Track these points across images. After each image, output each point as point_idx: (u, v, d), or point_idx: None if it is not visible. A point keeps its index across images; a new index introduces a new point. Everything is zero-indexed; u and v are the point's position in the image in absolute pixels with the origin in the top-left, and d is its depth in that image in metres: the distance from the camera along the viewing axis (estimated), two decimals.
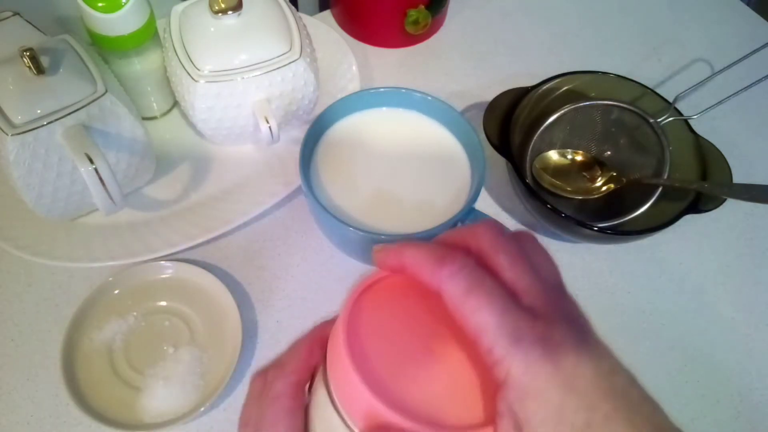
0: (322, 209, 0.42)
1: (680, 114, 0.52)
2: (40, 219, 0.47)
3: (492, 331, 0.21)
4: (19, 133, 0.40)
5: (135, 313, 0.46)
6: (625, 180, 0.53)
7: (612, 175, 0.54)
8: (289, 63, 0.48)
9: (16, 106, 0.41)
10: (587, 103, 0.53)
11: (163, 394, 0.43)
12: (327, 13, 0.68)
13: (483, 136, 0.50)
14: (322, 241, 0.51)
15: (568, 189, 0.54)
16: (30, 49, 0.40)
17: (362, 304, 0.24)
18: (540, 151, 0.55)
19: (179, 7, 0.50)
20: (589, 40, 0.69)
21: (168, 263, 0.48)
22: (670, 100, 0.52)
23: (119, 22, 0.46)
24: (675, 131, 0.52)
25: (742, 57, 0.54)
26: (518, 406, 0.20)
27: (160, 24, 0.52)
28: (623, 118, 0.54)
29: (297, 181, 0.52)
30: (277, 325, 0.48)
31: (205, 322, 0.46)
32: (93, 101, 0.42)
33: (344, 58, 0.60)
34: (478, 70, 0.65)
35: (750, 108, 0.64)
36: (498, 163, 0.52)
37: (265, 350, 0.47)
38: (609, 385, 0.21)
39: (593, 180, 0.55)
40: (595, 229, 0.47)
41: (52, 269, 0.49)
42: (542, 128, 0.54)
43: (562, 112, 0.53)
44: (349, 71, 0.59)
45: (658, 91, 0.53)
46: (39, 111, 0.41)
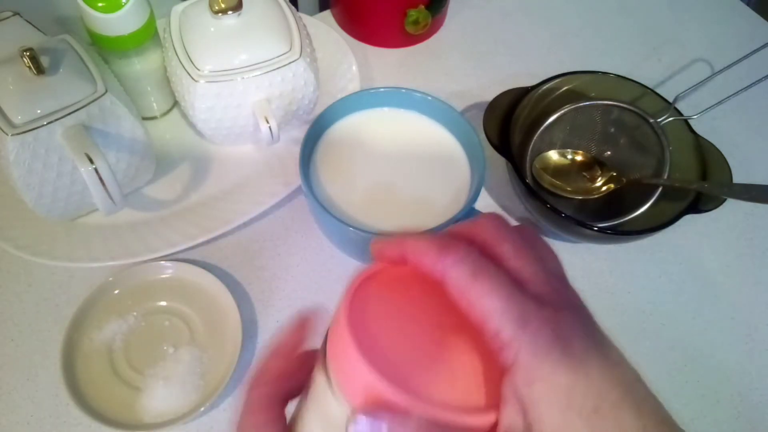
0: (322, 209, 0.42)
1: (680, 114, 0.52)
2: (40, 219, 0.47)
3: (499, 314, 0.20)
4: (19, 133, 0.40)
5: (135, 313, 0.46)
6: (625, 180, 0.53)
7: (612, 175, 0.54)
8: (289, 63, 0.48)
9: (16, 106, 0.41)
10: (587, 103, 0.53)
11: (163, 394, 0.43)
12: (327, 13, 0.68)
13: (483, 136, 0.50)
14: (322, 241, 0.52)
15: (568, 189, 0.54)
16: (30, 49, 0.40)
17: (362, 293, 0.24)
18: (540, 151, 0.55)
19: (179, 7, 0.50)
20: (589, 40, 0.69)
21: (168, 263, 0.48)
22: (670, 100, 0.52)
23: (119, 22, 0.47)
24: (675, 131, 0.52)
25: (742, 57, 0.54)
26: (525, 390, 0.20)
27: (160, 24, 0.52)
28: (623, 118, 0.54)
29: (297, 181, 0.52)
30: (277, 325, 0.48)
31: (205, 322, 0.46)
32: (93, 101, 0.42)
33: (344, 58, 0.60)
34: (478, 70, 0.65)
35: (750, 108, 0.64)
36: (498, 163, 0.52)
37: (265, 350, 0.47)
38: (617, 375, 0.21)
39: (593, 180, 0.55)
40: (595, 229, 0.47)
41: (52, 269, 0.49)
42: (542, 128, 0.54)
43: (562, 112, 0.53)
44: (349, 71, 0.59)
45: (658, 91, 0.53)
46: (39, 111, 0.41)
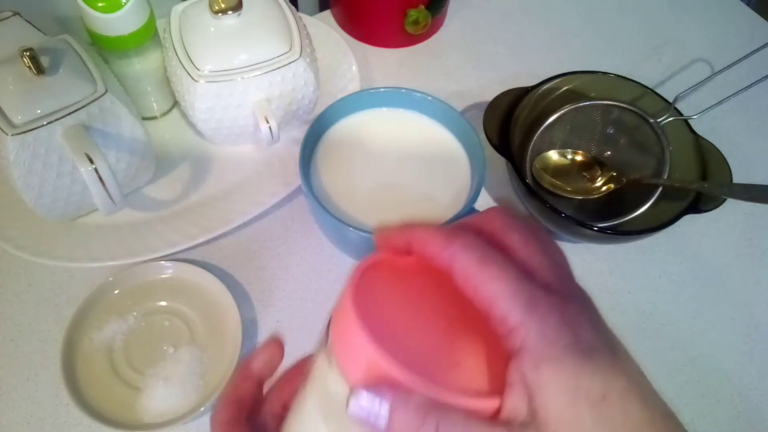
0: (322, 209, 0.42)
1: (680, 114, 0.52)
2: (40, 219, 0.47)
3: (507, 298, 0.20)
4: (19, 133, 0.40)
5: (135, 313, 0.46)
6: (625, 180, 0.53)
7: (612, 175, 0.54)
8: (289, 63, 0.48)
9: (16, 106, 0.41)
10: (587, 103, 0.53)
11: (163, 394, 0.43)
12: (327, 13, 0.68)
13: (483, 136, 0.50)
14: (322, 241, 0.52)
15: (568, 189, 0.54)
16: (30, 49, 0.40)
17: (368, 278, 0.24)
18: (540, 151, 0.55)
19: (179, 7, 0.50)
20: (589, 40, 0.69)
21: (168, 263, 0.48)
22: (670, 100, 0.52)
23: (119, 22, 0.46)
24: (675, 131, 0.52)
25: (742, 57, 0.54)
26: (532, 374, 0.20)
27: (160, 24, 0.52)
28: (623, 118, 0.54)
29: (297, 181, 0.52)
30: (277, 325, 0.48)
31: (205, 322, 0.46)
32: (93, 101, 0.42)
33: (344, 58, 0.60)
34: (478, 70, 0.65)
35: (750, 108, 0.64)
36: (498, 163, 0.52)
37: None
38: (624, 366, 0.21)
39: (593, 180, 0.55)
40: (595, 229, 0.47)
41: (52, 269, 0.49)
42: (542, 128, 0.54)
43: (562, 112, 0.53)
44: (349, 71, 0.59)
45: (658, 91, 0.53)
46: (39, 111, 0.41)
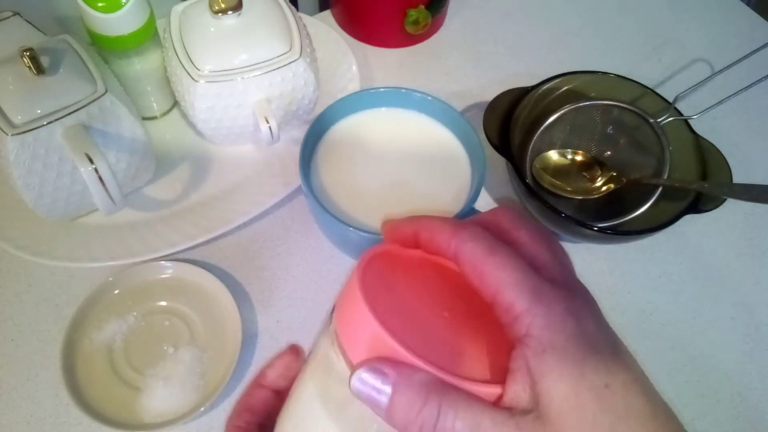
0: (322, 209, 0.42)
1: (680, 114, 0.52)
2: (40, 219, 0.47)
3: (514, 285, 0.21)
4: (19, 133, 0.40)
5: (135, 313, 0.46)
6: (625, 180, 0.53)
7: (612, 175, 0.54)
8: (289, 63, 0.48)
9: (16, 106, 0.41)
10: (587, 103, 0.53)
11: (163, 394, 0.43)
12: (327, 13, 0.68)
13: (483, 136, 0.50)
14: (322, 241, 0.52)
15: (568, 189, 0.54)
16: (30, 49, 0.40)
17: (374, 265, 0.24)
18: (540, 151, 0.55)
19: (179, 7, 0.50)
20: (589, 40, 0.69)
21: (168, 263, 0.48)
22: (670, 100, 0.52)
23: (119, 22, 0.46)
24: (675, 131, 0.52)
25: (742, 57, 0.54)
26: (536, 361, 0.20)
27: (160, 24, 0.52)
28: (623, 118, 0.54)
29: (297, 181, 0.52)
30: (277, 325, 0.48)
31: (205, 322, 0.46)
32: (93, 101, 0.42)
33: (344, 58, 0.60)
34: (478, 70, 0.65)
35: (750, 108, 0.64)
36: (498, 163, 0.52)
37: (265, 350, 0.47)
38: (626, 360, 0.21)
39: (593, 180, 0.54)
40: (595, 229, 0.47)
41: (52, 269, 0.49)
42: (542, 128, 0.54)
43: (562, 112, 0.53)
44: (349, 71, 0.59)
45: (658, 91, 0.53)
46: (39, 111, 0.41)
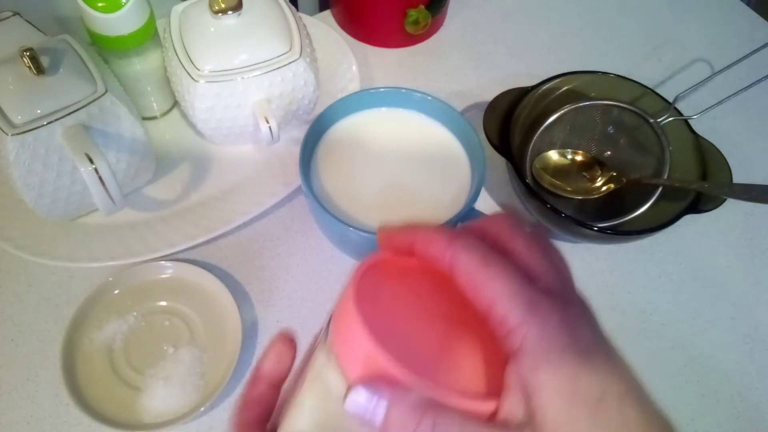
0: (322, 209, 0.42)
1: (680, 114, 0.52)
2: (40, 219, 0.47)
3: (508, 298, 0.20)
4: (19, 133, 0.40)
5: (135, 313, 0.46)
6: (625, 180, 0.53)
7: (612, 175, 0.54)
8: (289, 63, 0.48)
9: (16, 106, 0.41)
10: (587, 103, 0.53)
11: (163, 394, 0.43)
12: (327, 13, 0.68)
13: (483, 136, 0.50)
14: (322, 241, 0.52)
15: (568, 189, 0.54)
16: (30, 49, 0.40)
17: (369, 276, 0.24)
18: (540, 151, 0.55)
19: (179, 7, 0.50)
20: (589, 40, 0.69)
21: (168, 263, 0.48)
22: (670, 100, 0.52)
23: (119, 22, 0.46)
24: (675, 131, 0.52)
25: (742, 57, 0.54)
26: (530, 375, 0.20)
27: (160, 24, 0.52)
28: (623, 118, 0.54)
29: (297, 181, 0.52)
30: (277, 325, 0.48)
31: (205, 322, 0.46)
32: (93, 101, 0.42)
33: (344, 58, 0.60)
34: (478, 70, 0.65)
35: (750, 108, 0.64)
36: (498, 163, 0.52)
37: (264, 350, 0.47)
38: (621, 371, 0.21)
39: (593, 180, 0.54)
40: (595, 229, 0.47)
41: (52, 269, 0.49)
42: (542, 128, 0.54)
43: (562, 112, 0.53)
44: (349, 71, 0.59)
45: (658, 91, 0.53)
46: (39, 111, 0.41)
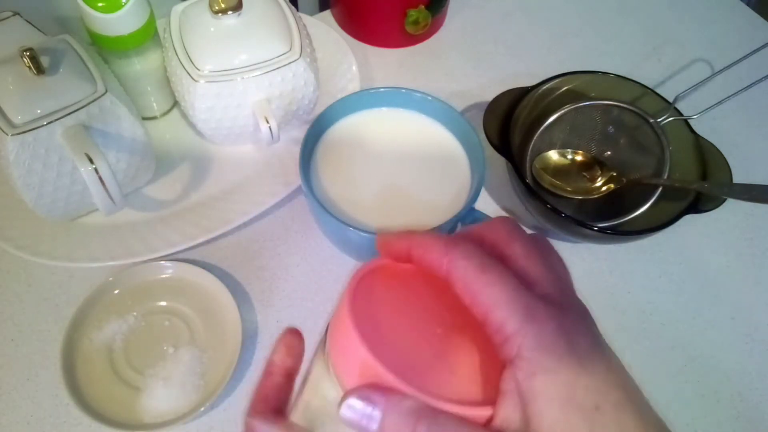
0: (322, 209, 0.42)
1: (680, 114, 0.52)
2: (40, 219, 0.47)
3: (505, 305, 0.20)
4: (19, 133, 0.40)
5: (135, 313, 0.46)
6: (625, 180, 0.53)
7: (612, 175, 0.54)
8: (289, 63, 0.48)
9: (16, 106, 0.41)
10: (587, 103, 0.53)
11: (163, 394, 0.43)
12: (327, 13, 0.68)
13: (483, 136, 0.50)
14: (322, 241, 0.52)
15: (568, 189, 0.54)
16: (30, 49, 0.40)
17: (366, 284, 0.24)
18: (540, 151, 0.55)
19: (179, 7, 0.50)
20: (589, 40, 0.69)
21: (168, 263, 0.48)
22: (670, 100, 0.52)
23: (119, 22, 0.46)
24: (675, 131, 0.52)
25: (742, 57, 0.54)
26: (526, 383, 0.20)
27: (160, 24, 0.52)
28: (623, 118, 0.54)
29: (297, 181, 0.52)
30: (277, 325, 0.48)
31: (205, 322, 0.46)
32: (93, 101, 0.42)
33: (344, 58, 0.60)
34: (478, 70, 0.65)
35: (750, 108, 0.64)
36: (498, 163, 0.52)
37: (265, 350, 0.47)
38: (619, 378, 0.21)
39: (593, 180, 0.54)
40: (595, 229, 0.47)
41: (52, 269, 0.49)
42: (542, 128, 0.54)
43: (562, 112, 0.53)
44: (349, 71, 0.59)
45: (658, 91, 0.53)
46: (39, 111, 0.41)
